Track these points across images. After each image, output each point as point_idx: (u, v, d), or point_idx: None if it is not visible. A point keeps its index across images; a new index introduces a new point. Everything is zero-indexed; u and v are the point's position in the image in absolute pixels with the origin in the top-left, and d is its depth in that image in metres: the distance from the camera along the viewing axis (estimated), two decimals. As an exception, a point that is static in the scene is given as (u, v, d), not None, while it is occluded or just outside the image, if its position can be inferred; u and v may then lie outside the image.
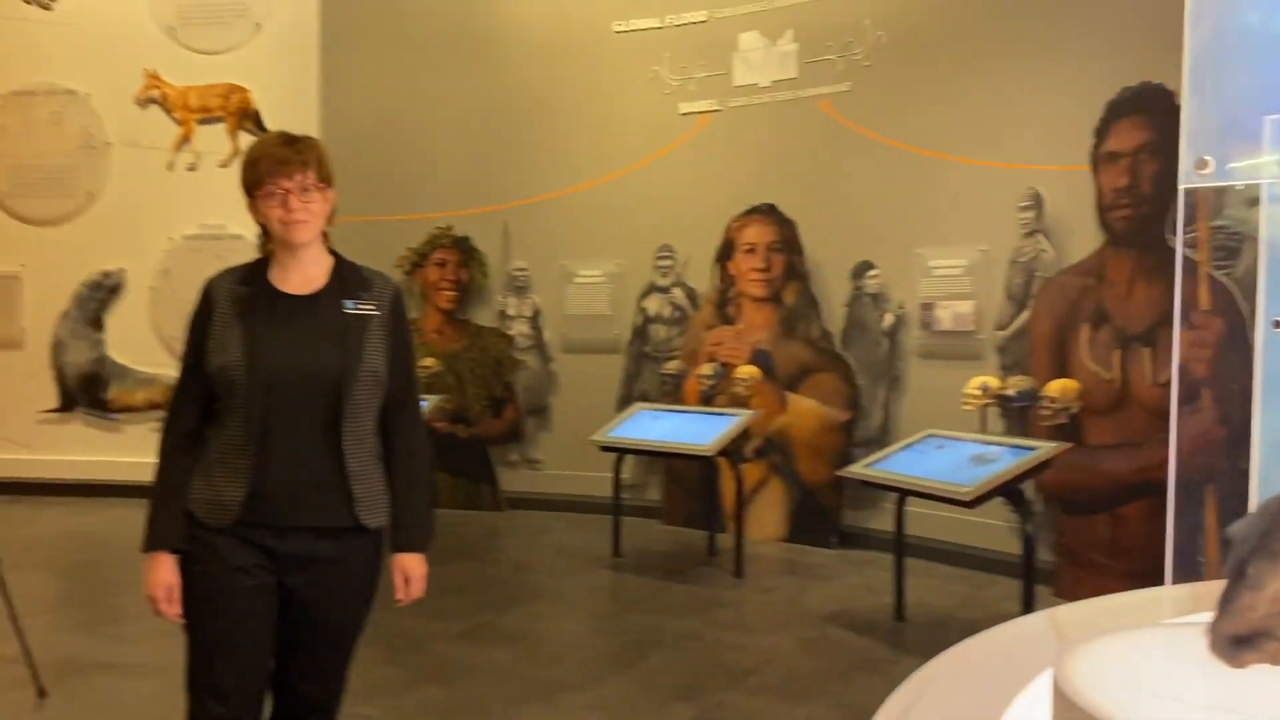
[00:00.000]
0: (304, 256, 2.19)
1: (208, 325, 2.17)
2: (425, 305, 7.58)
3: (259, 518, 2.13)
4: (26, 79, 7.89)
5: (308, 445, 2.13)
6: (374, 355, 2.18)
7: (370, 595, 2.28)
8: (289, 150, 2.15)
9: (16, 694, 3.81)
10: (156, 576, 2.15)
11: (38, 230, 7.96)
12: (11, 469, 7.45)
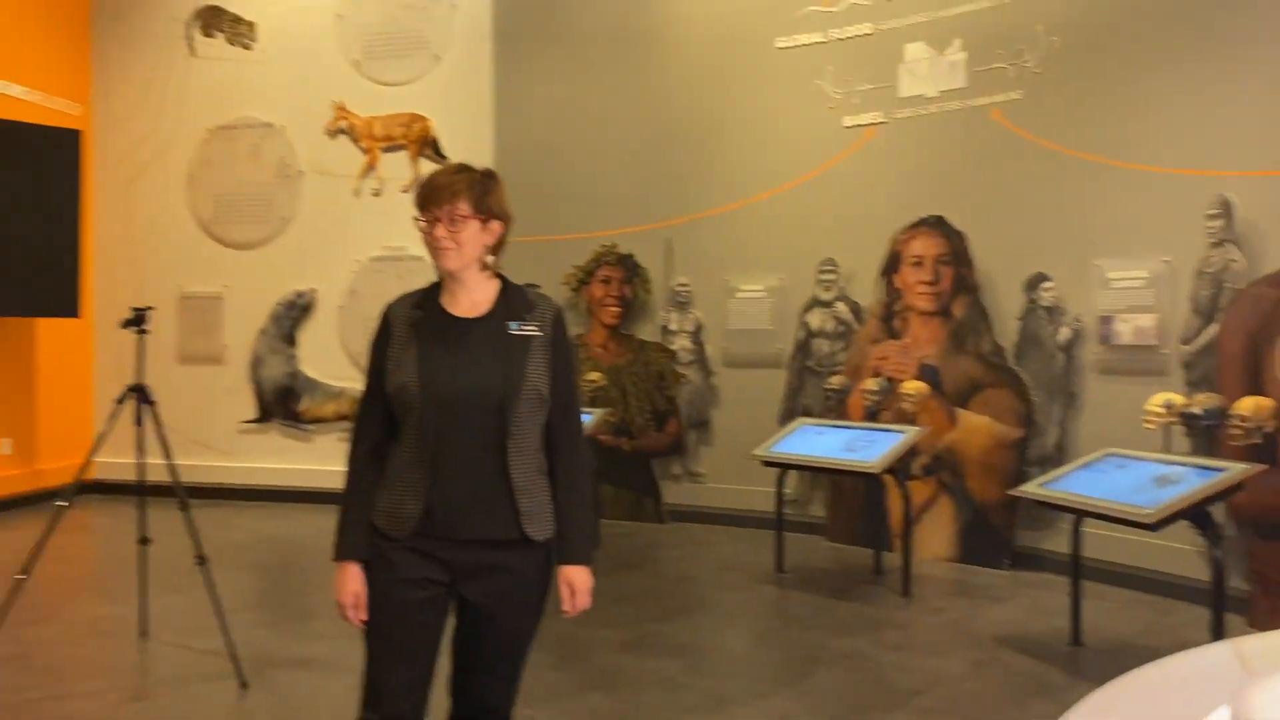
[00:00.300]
0: (468, 281, 2.30)
1: (386, 347, 2.31)
2: (591, 321, 7.78)
3: (435, 530, 2.24)
4: (229, 114, 8.54)
5: (476, 460, 2.23)
6: (536, 374, 2.27)
7: (539, 605, 2.35)
8: (442, 180, 2.28)
9: (222, 685, 4.12)
10: (345, 585, 2.30)
11: (238, 254, 8.58)
12: (214, 475, 8.03)
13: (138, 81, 8.70)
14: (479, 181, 2.29)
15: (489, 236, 2.29)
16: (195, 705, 3.95)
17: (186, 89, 8.62)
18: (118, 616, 4.98)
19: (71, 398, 8.54)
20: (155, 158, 8.69)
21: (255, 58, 8.52)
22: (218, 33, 8.56)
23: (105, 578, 5.90)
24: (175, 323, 8.47)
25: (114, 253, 8.70)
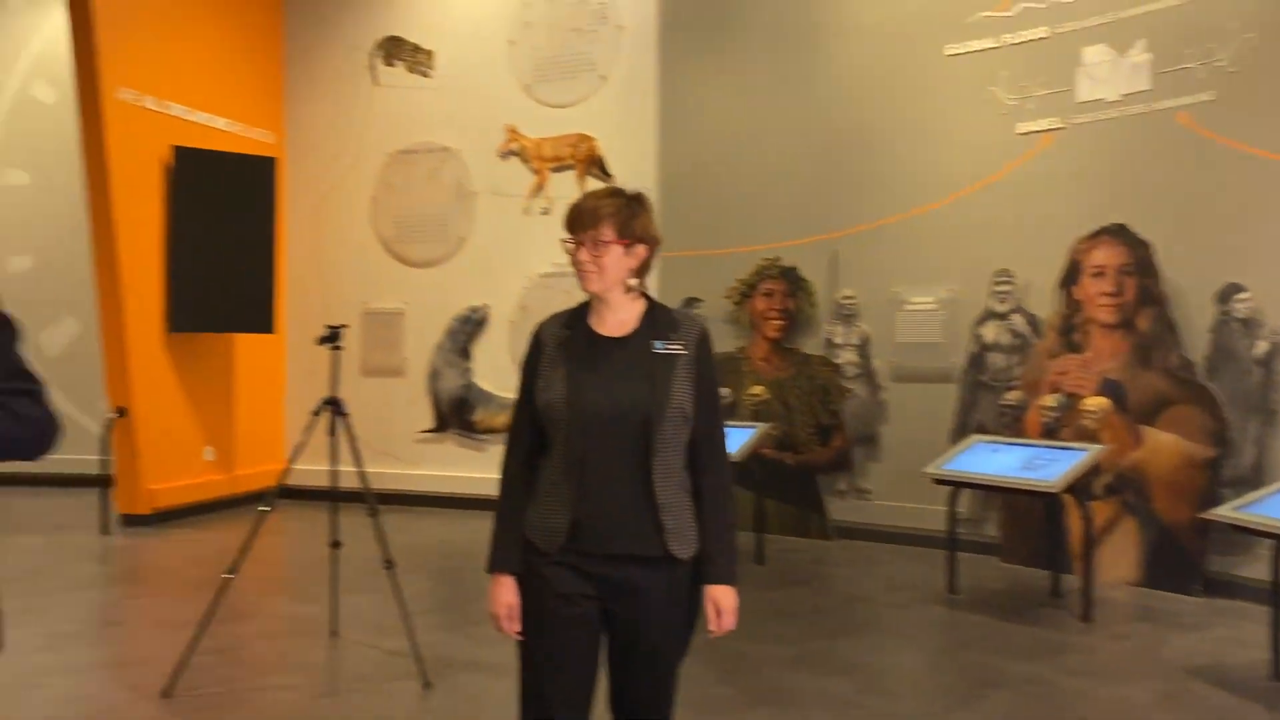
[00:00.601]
0: (613, 302, 2.35)
1: (537, 365, 2.37)
2: (753, 334, 7.79)
3: (582, 545, 2.27)
4: (410, 139, 8.97)
5: (621, 477, 2.25)
6: (681, 392, 2.29)
7: (686, 623, 2.35)
8: (588, 204, 2.33)
9: (406, 684, 4.33)
10: (499, 597, 2.36)
11: (417, 271, 9.00)
12: (395, 482, 8.41)
13: (325, 110, 9.25)
14: (625, 206, 2.31)
15: (633, 260, 2.32)
16: (382, 702, 4.16)
17: (369, 116, 9.11)
18: (310, 615, 5.30)
19: (266, 408, 9.14)
20: (341, 182, 9.21)
21: (433, 84, 8.93)
22: (398, 62, 9.01)
23: (299, 578, 6.27)
24: (359, 338, 8.94)
25: (304, 272, 9.27)
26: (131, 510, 7.83)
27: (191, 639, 4.31)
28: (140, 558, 6.93)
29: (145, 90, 7.87)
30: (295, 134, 9.35)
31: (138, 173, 7.80)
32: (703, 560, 2.33)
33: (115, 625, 5.36)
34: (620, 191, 2.36)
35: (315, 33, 9.27)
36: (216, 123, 8.57)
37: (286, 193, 9.14)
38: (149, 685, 4.27)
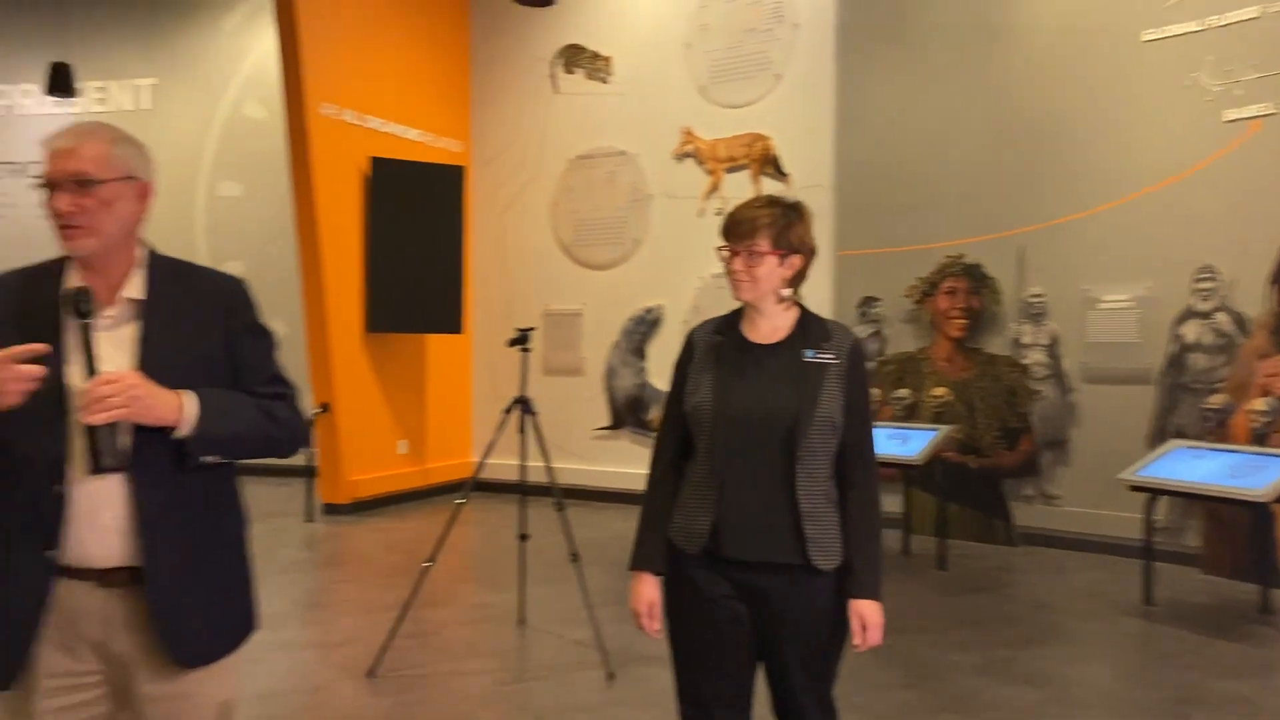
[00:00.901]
0: (766, 310, 2.36)
1: (686, 368, 2.42)
2: (934, 334, 7.62)
3: (723, 549, 2.29)
4: (588, 145, 9.21)
5: (764, 484, 2.27)
6: (830, 402, 2.28)
7: (829, 634, 2.33)
8: (745, 214, 2.34)
9: (590, 674, 4.48)
10: (640, 593, 2.42)
11: (594, 274, 9.23)
12: (572, 477, 8.65)
13: (509, 119, 9.60)
14: (782, 216, 2.32)
15: (787, 270, 2.33)
16: (568, 691, 4.32)
17: (550, 123, 9.40)
18: (499, 604, 5.54)
19: (454, 404, 9.57)
20: (524, 188, 9.55)
21: (611, 90, 9.13)
22: (577, 69, 9.26)
23: (489, 568, 6.55)
24: (540, 338, 9.23)
25: (488, 275, 9.65)
26: (333, 500, 8.36)
27: (394, 623, 4.59)
28: (341, 544, 7.40)
29: (345, 105, 8.38)
30: (480, 142, 9.74)
31: (339, 183, 8.32)
32: (848, 573, 2.31)
33: (322, 607, 5.75)
34: (778, 201, 2.36)
35: (499, 44, 9.64)
36: (409, 134, 9.03)
37: (473, 199, 9.52)
38: (354, 665, 4.57)
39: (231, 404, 1.90)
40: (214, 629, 1.93)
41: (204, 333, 1.93)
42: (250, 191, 10.52)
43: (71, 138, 1.83)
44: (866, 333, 7.82)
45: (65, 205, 1.80)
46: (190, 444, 1.82)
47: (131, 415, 1.75)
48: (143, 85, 10.91)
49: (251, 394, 1.95)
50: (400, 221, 8.52)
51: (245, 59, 10.65)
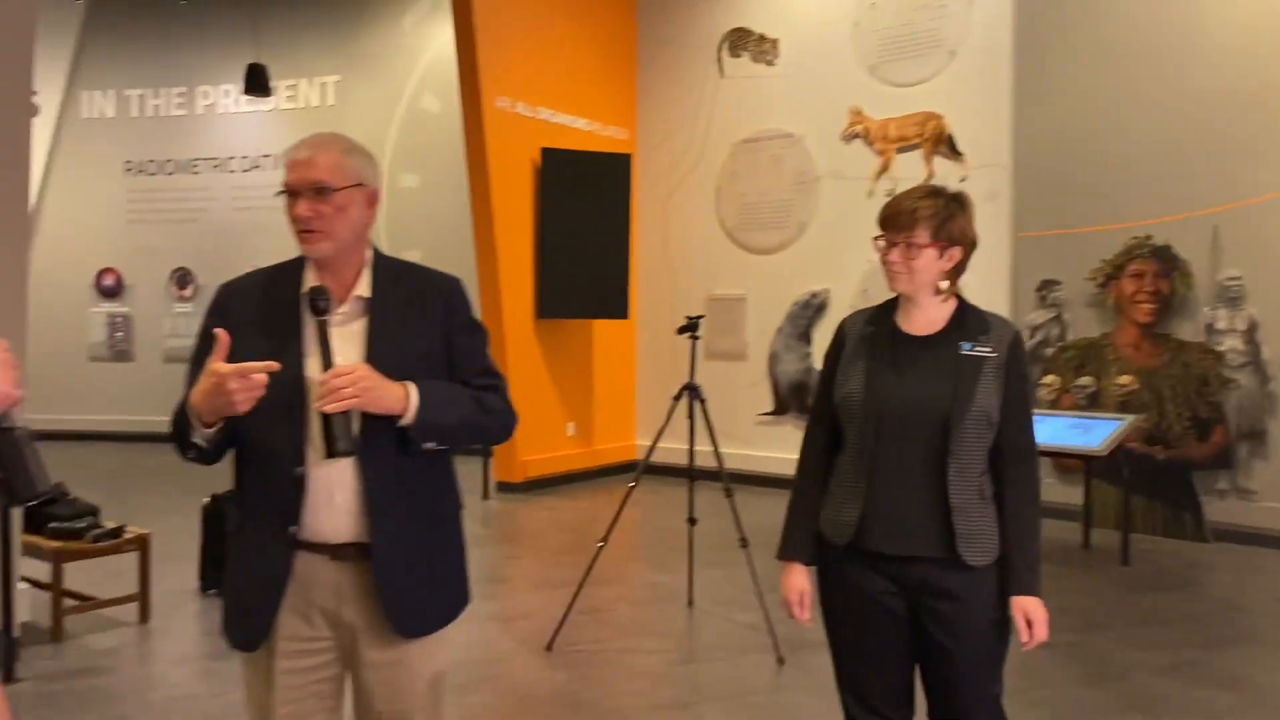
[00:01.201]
0: (922, 301, 2.31)
1: (837, 359, 2.39)
2: (1119, 319, 7.27)
3: (871, 542, 2.27)
4: (753, 128, 9.18)
5: (914, 477, 2.23)
6: (986, 396, 2.22)
7: (987, 632, 2.28)
8: (904, 205, 2.28)
9: (760, 658, 4.52)
10: (790, 583, 2.43)
11: (759, 258, 9.21)
12: (735, 462, 8.63)
13: (675, 105, 9.67)
14: (943, 208, 2.26)
15: (946, 263, 2.28)
16: (738, 673, 4.38)
17: (715, 108, 9.42)
18: (668, 584, 5.65)
19: (619, 388, 9.75)
20: (688, 173, 9.61)
21: (777, 72, 9.07)
22: (743, 52, 9.24)
23: (657, 549, 6.66)
24: (704, 323, 9.23)
25: (653, 261, 9.77)
26: (507, 479, 8.67)
27: (570, 600, 4.75)
28: (514, 521, 7.67)
29: (518, 97, 8.63)
30: (646, 130, 9.85)
31: (512, 173, 8.58)
32: (1007, 570, 2.26)
33: (500, 582, 5.99)
34: (939, 191, 2.31)
35: (666, 31, 9.71)
36: (577, 124, 9.22)
37: (639, 186, 9.65)
38: (532, 638, 4.76)
39: (449, 395, 2.03)
40: (431, 603, 2.07)
41: (425, 328, 2.06)
42: (426, 182, 10.97)
43: (309, 149, 1.98)
44: (1046, 318, 7.54)
45: (304, 211, 1.95)
46: (412, 431, 1.96)
47: (362, 405, 1.89)
48: (328, 82, 11.52)
49: (466, 385, 2.08)
50: (569, 210, 8.73)
51: (423, 54, 11.09)
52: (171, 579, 5.51)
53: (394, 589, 1.98)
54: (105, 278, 12.02)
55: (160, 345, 11.96)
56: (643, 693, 4.18)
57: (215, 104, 11.96)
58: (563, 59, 9.10)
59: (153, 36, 11.91)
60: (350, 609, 2.01)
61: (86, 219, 11.84)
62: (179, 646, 4.74)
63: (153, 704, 4.00)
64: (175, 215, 12.00)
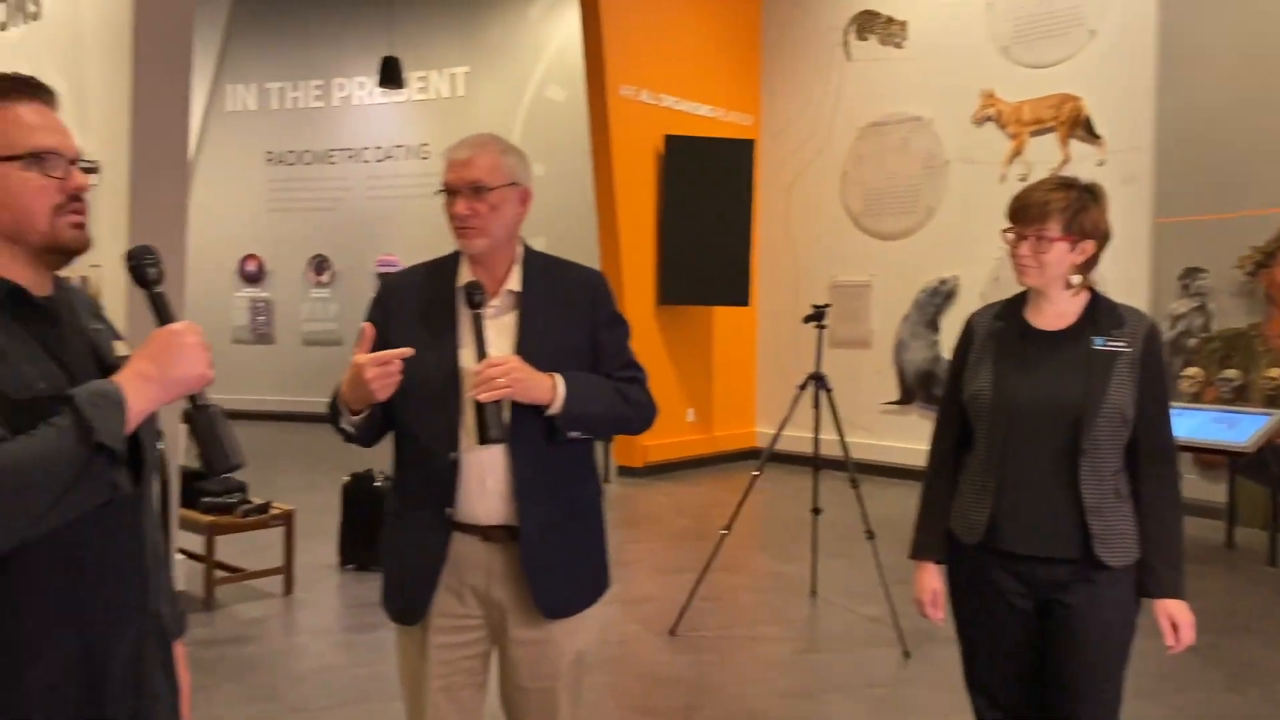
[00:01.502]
0: (1052, 295, 2.25)
1: (965, 355, 2.36)
2: (1271, 309, 6.91)
3: (1001, 542, 2.23)
4: (880, 112, 9.03)
5: (1045, 475, 2.18)
6: (1119, 392, 2.16)
7: (1116, 635, 2.22)
8: (1035, 198, 2.22)
9: (884, 650, 4.49)
10: (922, 582, 2.42)
11: (884, 244, 9.07)
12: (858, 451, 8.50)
13: (799, 90, 9.58)
14: (1076, 200, 2.21)
15: (1078, 256, 2.22)
16: (861, 665, 4.35)
17: (841, 92, 9.29)
18: (791, 574, 5.64)
19: (739, 375, 9.75)
20: (812, 159, 9.51)
21: (905, 55, 8.89)
22: (870, 35, 9.09)
23: (779, 538, 6.67)
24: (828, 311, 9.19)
25: (775, 247, 9.72)
26: (628, 463, 8.78)
27: (693, 586, 4.80)
28: (635, 505, 7.77)
29: (642, 86, 8.68)
30: (770, 115, 9.79)
31: (636, 161, 8.65)
32: (1147, 571, 2.20)
33: (622, 565, 6.07)
34: (1072, 183, 2.25)
35: (791, 16, 9.62)
36: (700, 110, 9.23)
37: (761, 172, 9.59)
38: (655, 622, 4.83)
39: (593, 387, 2.11)
40: (575, 585, 2.16)
41: (572, 321, 2.15)
42: (551, 171, 11.12)
43: (468, 149, 2.08)
44: (1188, 307, 7.21)
45: (462, 209, 2.05)
46: (558, 421, 2.04)
47: (513, 395, 1.98)
48: (458, 73, 11.80)
49: (609, 377, 2.15)
50: (692, 196, 8.75)
51: (549, 45, 11.25)
52: (312, 553, 5.77)
53: (540, 571, 2.07)
54: (248, 264, 12.60)
55: (298, 329, 12.49)
56: (766, 680, 4.20)
57: (350, 96, 12.38)
58: (687, 46, 9.11)
59: (293, 31, 12.39)
60: (500, 588, 2.10)
61: (230, 208, 12.43)
62: (320, 618, 4.98)
63: (296, 674, 4.21)
64: (313, 204, 12.49)
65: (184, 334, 1.41)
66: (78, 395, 1.30)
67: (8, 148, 1.37)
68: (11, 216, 1.37)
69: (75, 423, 1.27)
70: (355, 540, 5.71)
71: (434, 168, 11.72)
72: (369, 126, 12.30)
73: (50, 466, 1.25)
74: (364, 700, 3.91)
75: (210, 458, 1.45)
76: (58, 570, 1.35)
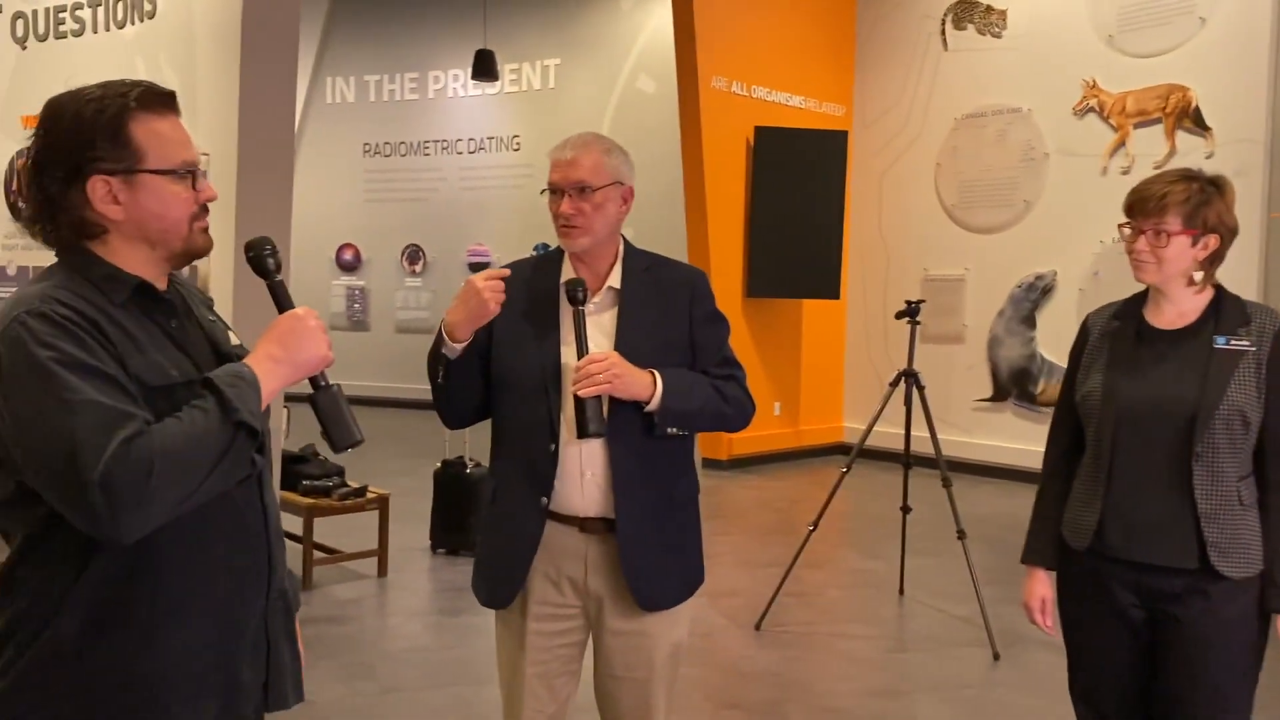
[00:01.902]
0: (1173, 293, 2.16)
1: (1080, 355, 2.29)
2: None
3: (1110, 547, 2.16)
4: (977, 103, 8.84)
5: (1158, 480, 2.10)
6: (1241, 393, 2.06)
7: (1237, 653, 2.12)
8: (1153, 190, 2.14)
9: (974, 651, 4.43)
10: (1032, 589, 2.36)
11: (980, 238, 8.88)
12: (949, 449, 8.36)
13: (893, 81, 9.43)
14: (1198, 192, 2.12)
15: (1200, 252, 2.13)
16: (951, 666, 4.30)
17: (936, 82, 9.12)
18: (878, 572, 5.59)
19: (827, 369, 9.66)
20: (906, 150, 9.36)
21: (1004, 45, 8.69)
22: (968, 24, 8.90)
23: (866, 535, 6.60)
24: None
25: (866, 240, 9.59)
26: (713, 455, 8.78)
27: (779, 581, 4.79)
28: (720, 498, 7.76)
29: (734, 77, 8.65)
30: (863, 106, 9.66)
31: (725, 153, 8.62)
32: (1268, 584, 2.10)
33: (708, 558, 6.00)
34: (1195, 175, 2.16)
35: (887, 5, 9.47)
36: (792, 101, 9.15)
37: (853, 163, 9.48)
38: (740, 616, 4.83)
39: (691, 383, 2.14)
40: (671, 578, 2.19)
41: (671, 318, 2.18)
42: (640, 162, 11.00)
43: (572, 150, 2.12)
44: (1301, 306, 6.92)
45: (567, 208, 2.09)
46: (657, 417, 2.08)
47: (614, 390, 2.02)
48: (550, 65, 11.90)
49: (706, 374, 2.18)
50: (782, 188, 8.69)
51: (639, 36, 11.27)
52: (405, 536, 5.91)
53: (636, 563, 2.11)
54: (345, 253, 12.91)
55: (393, 316, 12.77)
56: (852, 678, 4.17)
57: (445, 88, 12.58)
58: (779, 37, 9.04)
59: (390, 25, 12.63)
60: (596, 579, 2.14)
61: (329, 198, 12.74)
62: (413, 600, 5.10)
63: (390, 654, 4.33)
64: (408, 194, 12.73)
65: (306, 318, 1.52)
66: (217, 378, 1.41)
67: (162, 161, 1.46)
68: (161, 226, 1.47)
69: (219, 404, 1.38)
70: (446, 525, 5.83)
71: (524, 159, 11.91)
72: (462, 118, 12.48)
73: (202, 445, 1.35)
74: (456, 683, 4.00)
75: (334, 435, 1.54)
76: (195, 543, 1.45)
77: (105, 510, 1.27)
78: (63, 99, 1.46)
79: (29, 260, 5.58)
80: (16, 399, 1.32)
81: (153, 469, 1.29)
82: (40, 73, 5.74)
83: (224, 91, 4.84)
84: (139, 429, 1.32)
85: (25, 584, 1.40)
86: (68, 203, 1.43)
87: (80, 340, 1.35)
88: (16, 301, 1.39)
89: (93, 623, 1.39)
